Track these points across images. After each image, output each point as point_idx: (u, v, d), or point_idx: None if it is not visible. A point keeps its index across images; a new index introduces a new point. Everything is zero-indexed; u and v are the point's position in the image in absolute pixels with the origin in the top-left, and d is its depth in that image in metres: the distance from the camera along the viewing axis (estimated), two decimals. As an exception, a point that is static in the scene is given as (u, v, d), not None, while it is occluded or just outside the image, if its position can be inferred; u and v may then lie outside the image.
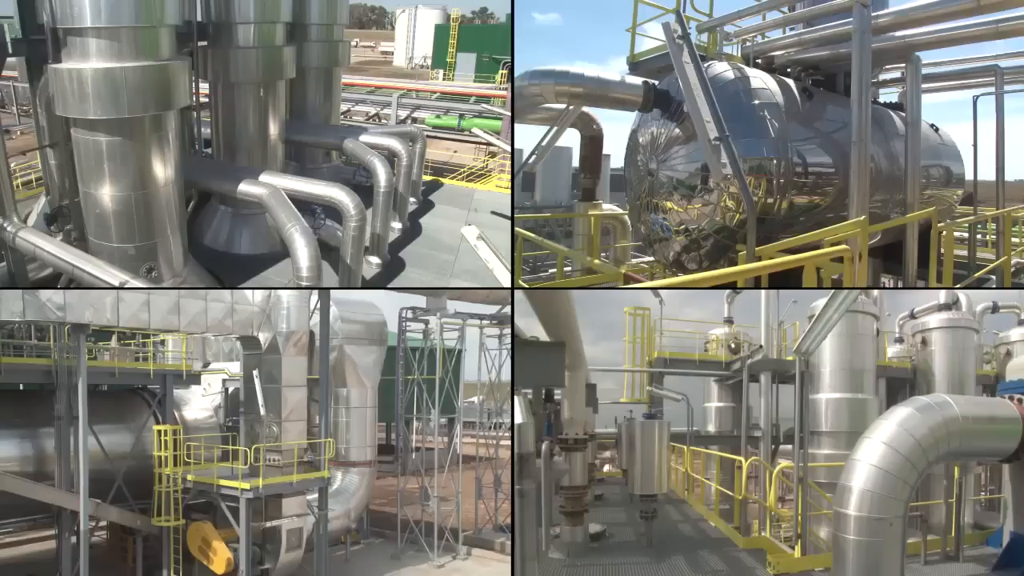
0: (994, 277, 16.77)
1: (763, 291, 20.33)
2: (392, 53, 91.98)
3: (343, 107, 35.63)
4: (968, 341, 21.68)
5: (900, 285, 17.54)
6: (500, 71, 50.40)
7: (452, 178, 29.21)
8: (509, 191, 19.09)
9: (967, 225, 17.60)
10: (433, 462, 21.44)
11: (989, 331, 24.19)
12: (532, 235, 18.30)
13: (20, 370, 16.10)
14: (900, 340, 22.83)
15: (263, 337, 17.40)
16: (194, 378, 19.68)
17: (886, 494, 10.62)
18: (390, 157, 19.81)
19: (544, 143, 17.80)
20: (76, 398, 15.06)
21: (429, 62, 71.49)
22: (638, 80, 15.67)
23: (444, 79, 59.59)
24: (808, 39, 15.50)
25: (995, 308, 24.26)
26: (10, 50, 13.95)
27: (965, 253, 17.20)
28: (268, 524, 16.81)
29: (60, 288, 14.80)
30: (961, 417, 11.61)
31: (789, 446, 16.00)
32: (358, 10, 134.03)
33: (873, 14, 13.15)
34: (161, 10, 12.56)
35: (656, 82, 15.53)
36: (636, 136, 15.82)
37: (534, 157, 18.36)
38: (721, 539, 16.82)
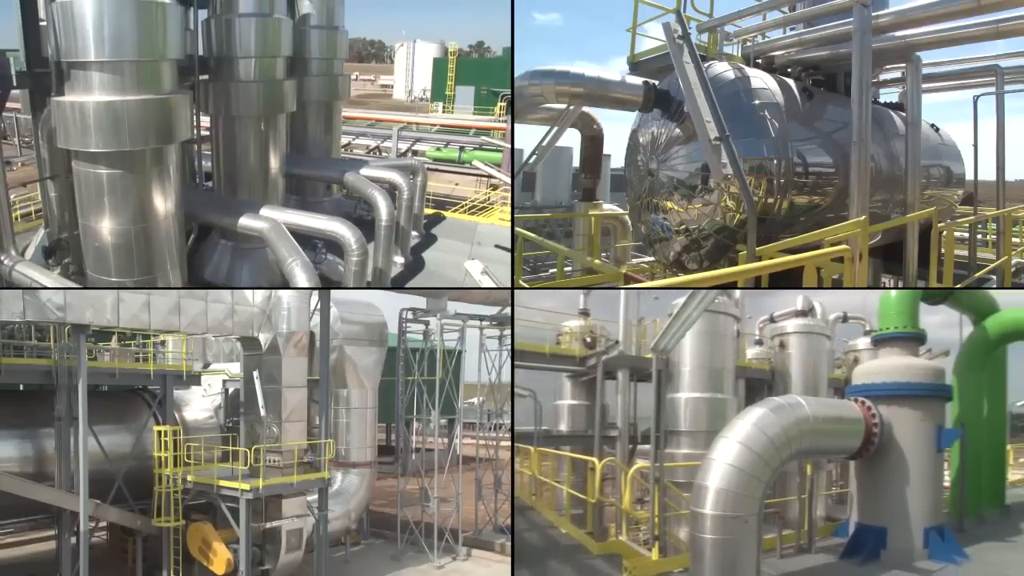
0: (994, 277, 16.79)
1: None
2: (391, 86, 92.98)
3: (343, 140, 35.79)
4: (821, 346, 22.15)
5: (900, 285, 17.55)
6: (499, 103, 50.99)
7: (454, 211, 29.10)
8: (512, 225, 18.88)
9: (967, 225, 17.62)
10: (433, 463, 21.42)
11: (840, 339, 25.55)
12: (532, 235, 18.28)
13: (20, 370, 16.07)
14: (760, 342, 23.02)
15: (263, 338, 17.40)
16: (194, 379, 19.69)
17: (741, 492, 10.86)
18: (391, 190, 19.82)
19: (544, 143, 17.81)
20: (76, 398, 15.05)
21: (428, 95, 71.92)
22: (638, 80, 15.68)
23: (444, 112, 59.98)
24: (808, 39, 15.50)
25: (845, 318, 25.60)
26: (15, 83, 14.03)
27: (965, 253, 17.22)
28: (268, 525, 16.81)
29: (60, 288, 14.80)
30: (812, 417, 12.27)
31: (647, 446, 15.41)
32: (357, 44, 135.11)
33: (873, 14, 13.15)
34: (163, 44, 12.57)
35: (656, 82, 15.53)
36: (636, 136, 15.81)
37: (534, 157, 18.36)
38: (573, 546, 16.33)
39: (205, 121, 18.80)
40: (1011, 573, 13.45)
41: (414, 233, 22.47)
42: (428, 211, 25.84)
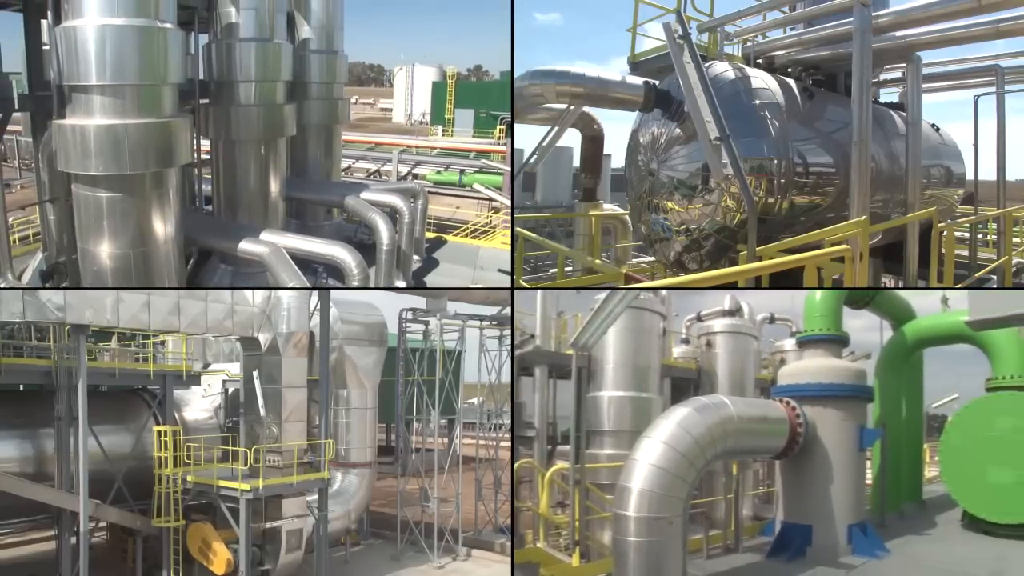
0: (995, 277, 16.79)
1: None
2: (391, 110, 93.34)
3: (344, 164, 35.73)
4: (748, 346, 22.04)
5: (901, 285, 17.56)
6: (498, 126, 51.21)
7: (456, 235, 28.94)
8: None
9: (968, 225, 17.64)
10: (433, 463, 21.41)
11: (767, 339, 25.51)
12: (533, 235, 18.27)
13: (20, 370, 16.06)
14: (686, 341, 22.84)
15: (263, 338, 17.39)
16: (194, 379, 19.67)
17: (665, 493, 10.69)
18: (392, 214, 19.73)
19: (545, 143, 17.80)
20: (76, 399, 15.03)
21: (428, 118, 72.16)
22: (639, 80, 15.68)
23: (443, 135, 60.09)
24: (809, 39, 15.50)
25: (772, 319, 25.59)
26: (16, 105, 14.01)
27: (966, 253, 17.23)
28: (268, 525, 16.79)
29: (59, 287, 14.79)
30: (737, 417, 12.24)
31: (567, 447, 14.98)
32: (357, 68, 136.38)
33: (873, 14, 13.16)
34: (164, 68, 12.57)
35: (657, 82, 15.53)
36: (637, 136, 15.81)
37: (535, 157, 18.35)
38: None
39: (205, 145, 18.82)
40: (929, 564, 13.82)
41: (415, 257, 22.29)
42: (429, 235, 25.60)
